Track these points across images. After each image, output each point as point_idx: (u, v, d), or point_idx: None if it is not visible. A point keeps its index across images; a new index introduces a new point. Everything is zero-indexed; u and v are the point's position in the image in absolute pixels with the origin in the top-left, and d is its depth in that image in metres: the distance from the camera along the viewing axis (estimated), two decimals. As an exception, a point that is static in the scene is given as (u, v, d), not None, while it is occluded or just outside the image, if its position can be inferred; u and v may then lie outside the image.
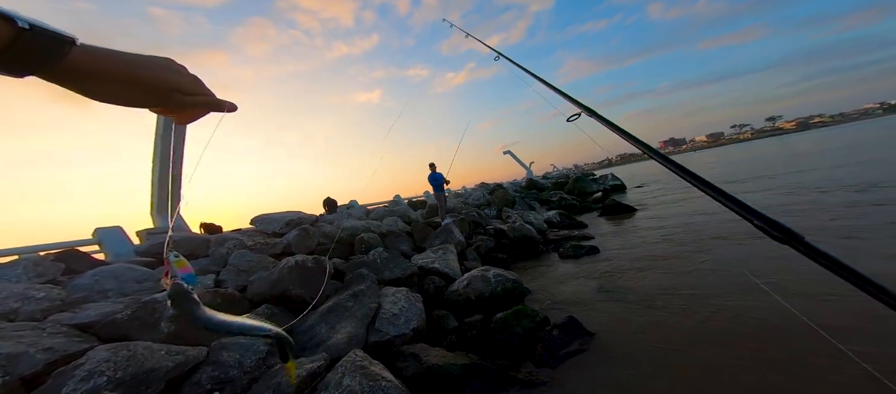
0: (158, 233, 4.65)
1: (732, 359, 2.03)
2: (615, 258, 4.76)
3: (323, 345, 2.20)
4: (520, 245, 5.85)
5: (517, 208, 8.67)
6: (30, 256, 3.42)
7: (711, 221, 5.72)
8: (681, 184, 13.63)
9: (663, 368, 2.09)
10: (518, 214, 7.57)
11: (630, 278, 3.86)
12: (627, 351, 2.36)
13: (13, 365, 1.44)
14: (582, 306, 3.34)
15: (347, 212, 6.59)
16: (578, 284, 3.99)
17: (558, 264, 4.98)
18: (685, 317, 2.69)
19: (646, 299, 3.20)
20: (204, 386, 1.52)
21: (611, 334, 2.66)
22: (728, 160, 22.11)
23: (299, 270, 3.05)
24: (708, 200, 0.57)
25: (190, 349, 1.74)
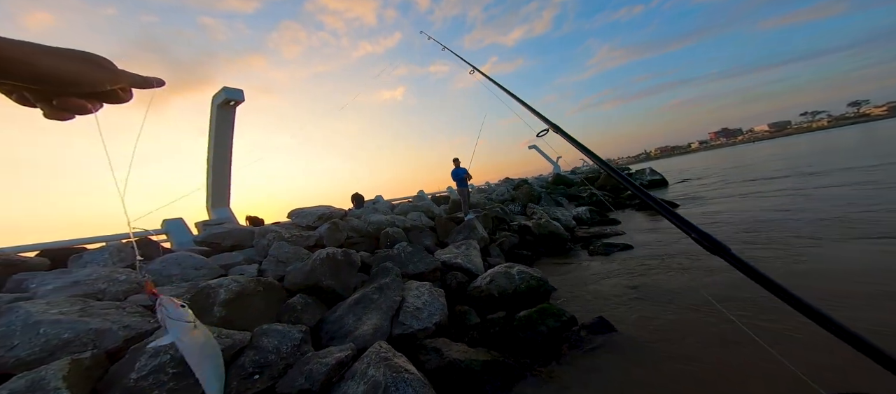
0: (214, 224, 5.22)
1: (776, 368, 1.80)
2: (650, 257, 4.42)
3: (350, 335, 2.33)
4: (545, 242, 5.67)
5: (543, 204, 8.38)
6: (114, 243, 4.05)
7: (761, 219, 5.07)
8: (733, 178, 12.17)
9: (698, 376, 1.93)
10: (544, 210, 7.31)
11: (666, 278, 3.57)
12: (660, 356, 2.21)
13: (101, 340, 1.72)
14: (612, 306, 3.16)
15: (373, 207, 6.84)
16: (609, 283, 3.78)
17: (587, 262, 4.75)
18: (726, 321, 2.43)
19: (683, 301, 2.95)
20: (247, 369, 1.70)
21: (643, 336, 2.50)
22: (790, 154, 18.91)
23: (330, 263, 3.24)
24: (762, 199, 0.53)
25: (236, 333, 1.94)
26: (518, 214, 7.57)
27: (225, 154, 5.69)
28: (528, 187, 9.66)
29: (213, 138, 5.55)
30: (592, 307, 3.21)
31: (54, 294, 2.38)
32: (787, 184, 8.11)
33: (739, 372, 1.88)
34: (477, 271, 4.11)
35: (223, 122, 5.49)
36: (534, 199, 8.64)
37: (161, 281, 2.97)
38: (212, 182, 5.67)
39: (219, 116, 5.44)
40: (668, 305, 2.96)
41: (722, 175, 12.87)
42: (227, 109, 5.46)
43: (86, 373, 1.42)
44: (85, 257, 3.54)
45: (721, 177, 12.34)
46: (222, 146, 5.60)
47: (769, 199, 6.68)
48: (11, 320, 1.76)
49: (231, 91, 5.28)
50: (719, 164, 21.04)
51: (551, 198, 9.15)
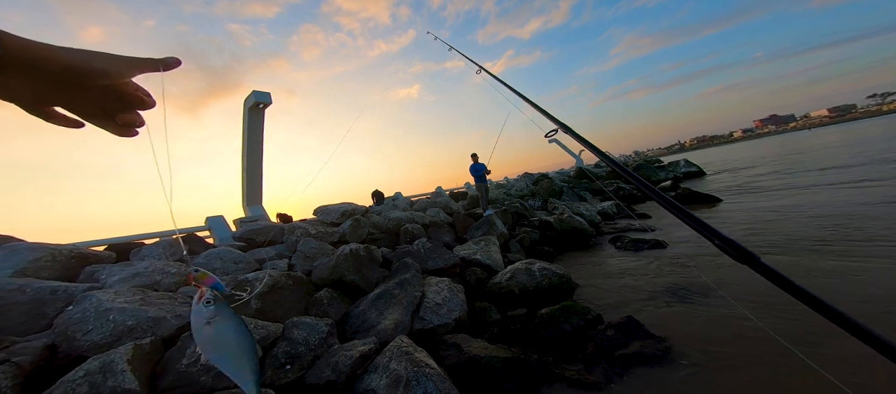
0: (249, 221, 5.64)
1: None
2: (685, 254, 4.13)
3: (373, 329, 2.43)
4: (568, 238, 5.49)
5: (565, 199, 8.08)
6: (167, 238, 4.52)
7: (815, 218, 4.49)
8: (782, 169, 10.89)
9: (738, 388, 1.79)
10: (566, 205, 7.05)
11: (704, 278, 3.32)
12: (696, 363, 2.07)
13: (158, 327, 1.94)
14: (641, 305, 3.01)
15: (393, 203, 6.99)
16: (638, 282, 3.59)
17: (614, 258, 4.54)
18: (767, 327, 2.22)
19: (723, 303, 2.73)
20: (279, 359, 1.84)
21: (676, 340, 2.35)
22: (858, 138, 16.50)
23: (353, 258, 3.38)
24: (818, 195, 0.47)
25: (270, 325, 2.10)
26: (538, 209, 7.38)
27: (257, 154, 6.07)
28: (548, 182, 9.37)
29: (246, 139, 5.94)
30: (620, 306, 3.08)
31: (119, 284, 2.71)
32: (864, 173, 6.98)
33: (777, 386, 1.71)
34: (497, 268, 4.08)
35: (254, 123, 5.85)
36: (555, 194, 8.36)
37: (205, 274, 3.26)
38: (246, 181, 6.09)
39: (250, 118, 5.81)
40: (703, 308, 2.76)
41: (763, 168, 11.54)
42: (257, 112, 5.80)
43: (146, 357, 1.61)
44: (143, 252, 3.98)
45: (761, 169, 11.08)
46: (255, 147, 5.99)
47: (802, 195, 5.89)
48: (86, 307, 2.04)
49: (260, 94, 5.59)
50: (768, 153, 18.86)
51: (574, 193, 8.80)
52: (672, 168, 13.69)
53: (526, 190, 9.35)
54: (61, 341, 1.80)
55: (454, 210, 6.42)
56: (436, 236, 4.84)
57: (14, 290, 2.29)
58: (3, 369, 1.41)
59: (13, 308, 2.17)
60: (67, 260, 3.34)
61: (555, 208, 6.71)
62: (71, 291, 2.35)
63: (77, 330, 1.86)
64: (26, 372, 1.49)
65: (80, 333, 1.85)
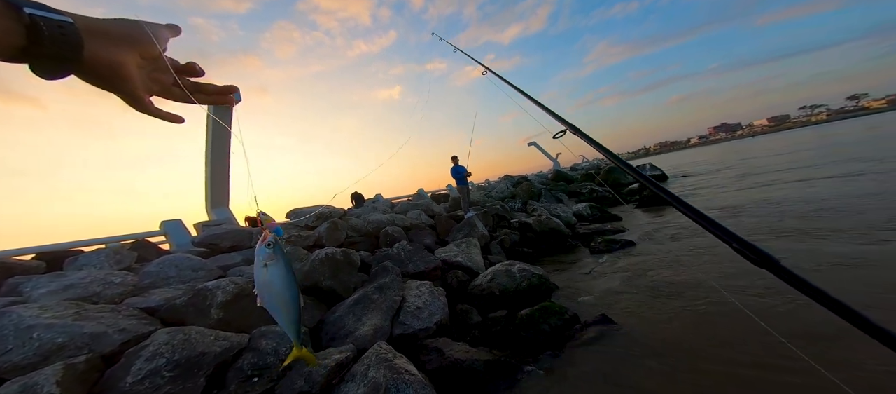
0: (213, 225, 5.18)
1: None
2: (652, 253, 4.41)
3: (350, 336, 2.30)
4: (547, 239, 5.65)
5: (544, 201, 8.36)
6: (114, 245, 4.02)
7: (766, 213, 5.05)
8: (735, 173, 12.09)
9: (703, 369, 1.91)
10: (544, 206, 7.29)
11: (670, 274, 3.56)
12: (664, 350, 2.20)
13: (96, 343, 1.69)
14: (615, 303, 3.15)
15: (373, 205, 6.81)
16: (611, 281, 3.76)
17: (589, 259, 4.74)
18: (727, 316, 2.43)
19: (688, 296, 2.94)
20: (245, 372, 1.67)
21: (646, 331, 2.49)
22: (798, 146, 18.79)
23: (329, 263, 3.21)
24: (763, 191, 0.49)
25: (234, 336, 1.91)
26: (518, 211, 7.56)
27: (223, 154, 5.64)
28: (528, 184, 9.65)
29: (210, 138, 5.50)
30: (595, 305, 3.20)
31: (48, 298, 2.35)
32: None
33: (753, 367, 1.85)
34: (478, 270, 4.08)
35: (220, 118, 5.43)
36: (534, 196, 8.62)
37: (157, 283, 2.93)
38: (210, 182, 5.62)
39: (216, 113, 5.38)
40: (672, 301, 2.95)
41: (716, 172, 12.72)
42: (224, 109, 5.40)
43: (80, 377, 1.39)
44: (81, 260, 3.50)
45: (715, 173, 12.23)
46: (220, 146, 5.55)
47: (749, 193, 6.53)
48: (4, 324, 1.73)
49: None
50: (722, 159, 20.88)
51: (552, 194, 9.13)
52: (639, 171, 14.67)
53: (506, 192, 9.54)
54: (-31, 365, 1.50)
55: (436, 212, 6.38)
56: (417, 239, 4.76)
57: None
58: None
59: None
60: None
61: (534, 210, 6.89)
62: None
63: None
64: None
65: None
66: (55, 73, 0.32)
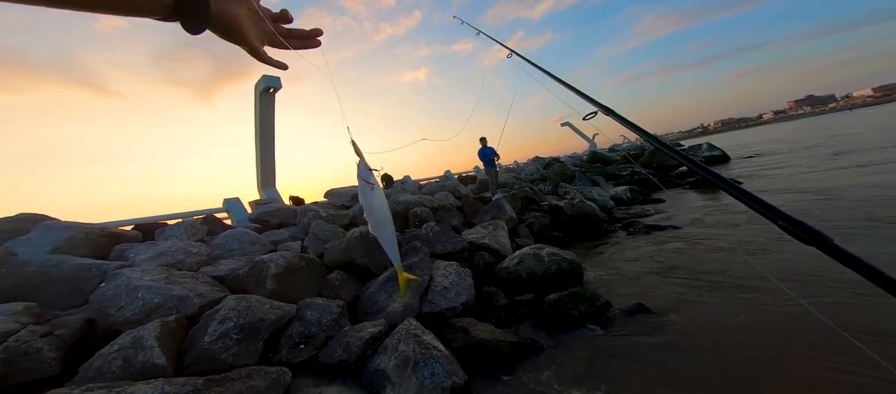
0: (264, 203, 5.81)
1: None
2: (700, 239, 4.02)
3: (382, 312, 2.51)
4: (579, 223, 5.39)
5: (577, 184, 7.88)
6: (188, 219, 4.73)
7: (845, 201, 4.19)
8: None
9: (742, 367, 1.77)
10: (578, 189, 6.88)
11: (716, 261, 3.26)
12: (705, 343, 2.06)
13: (182, 305, 2.07)
14: (653, 291, 2.98)
15: (402, 187, 7.01)
16: (650, 267, 3.53)
17: (626, 245, 4.46)
18: (782, 309, 2.18)
19: (734, 287, 2.69)
20: (294, 339, 1.94)
21: (687, 323, 2.34)
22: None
23: (363, 241, 3.44)
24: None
25: (285, 305, 2.20)
26: (549, 193, 7.26)
27: (269, 137, 6.14)
28: (560, 166, 9.13)
29: (258, 123, 5.99)
30: (631, 292, 3.05)
31: (146, 263, 2.88)
32: None
33: (807, 364, 1.67)
34: (505, 252, 4.08)
35: (266, 107, 5.87)
36: (567, 178, 8.17)
37: (224, 255, 3.41)
38: (260, 164, 6.21)
39: (262, 102, 5.81)
40: (718, 291, 2.71)
41: (795, 152, 10.70)
42: (268, 96, 5.79)
43: (172, 334, 1.73)
44: (166, 231, 4.19)
45: (793, 154, 10.30)
46: (266, 130, 6.04)
47: (837, 176, 5.45)
48: (118, 284, 2.18)
49: (270, 79, 5.55)
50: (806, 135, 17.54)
51: (586, 177, 8.56)
52: (693, 152, 13.04)
53: (536, 174, 9.17)
54: (97, 316, 1.95)
55: (463, 194, 6.39)
56: (444, 220, 4.85)
57: (52, 266, 2.47)
58: (47, 341, 1.55)
59: (53, 284, 2.35)
60: (99, 239, 3.56)
61: (566, 193, 6.56)
62: (104, 269, 2.52)
63: (111, 306, 2.01)
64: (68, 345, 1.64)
65: (113, 308, 1.99)
66: (197, 29, 0.38)
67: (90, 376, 1.44)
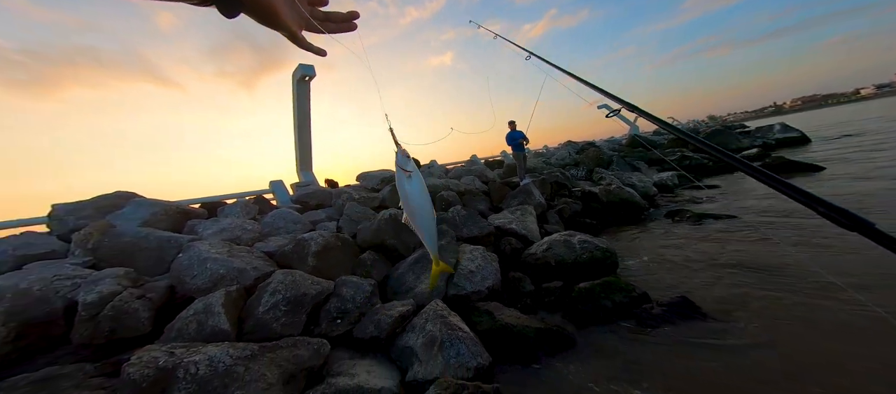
0: (303, 186, 6.28)
1: None
2: (759, 231, 3.56)
3: (410, 292, 2.65)
4: (615, 210, 5.06)
5: (614, 169, 7.28)
6: (241, 199, 5.30)
7: None
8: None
9: (794, 376, 1.59)
10: (615, 175, 6.37)
11: (778, 256, 2.90)
12: (757, 345, 1.88)
13: (241, 277, 2.37)
14: (699, 286, 2.74)
15: (428, 171, 7.07)
16: (699, 261, 3.25)
17: (671, 234, 4.12)
18: (847, 315, 1.88)
19: (797, 283, 2.38)
20: (332, 314, 2.14)
21: (738, 321, 2.13)
22: None
23: (393, 223, 3.60)
24: None
25: (324, 282, 2.42)
26: (582, 179, 6.84)
27: (306, 123, 6.49)
28: (595, 151, 8.48)
29: (296, 109, 6.34)
30: (673, 285, 2.85)
31: (212, 238, 3.31)
32: None
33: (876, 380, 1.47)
34: (533, 238, 4.01)
35: (302, 94, 6.16)
36: (602, 163, 7.60)
37: (272, 232, 3.80)
38: (298, 148, 6.65)
39: (299, 89, 6.11)
40: (774, 288, 2.42)
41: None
42: (304, 84, 6.06)
43: (234, 303, 2.02)
44: (226, 210, 4.75)
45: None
46: (303, 116, 6.38)
47: None
48: (191, 255, 2.56)
49: (305, 67, 5.77)
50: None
51: (625, 162, 7.87)
52: (762, 134, 11.25)
53: (568, 159, 8.66)
54: (177, 283, 2.32)
55: (489, 178, 6.28)
56: (471, 204, 4.85)
57: (142, 238, 2.97)
58: (142, 303, 1.91)
59: (143, 253, 2.84)
60: (175, 214, 4.17)
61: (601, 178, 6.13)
62: (180, 241, 2.97)
63: (186, 274, 2.38)
64: (156, 307, 1.99)
65: (188, 277, 2.36)
66: (232, 12, 0.39)
67: (172, 336, 1.75)
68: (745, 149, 9.28)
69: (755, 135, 11.66)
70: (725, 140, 9.89)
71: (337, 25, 0.51)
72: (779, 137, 10.50)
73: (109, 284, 1.98)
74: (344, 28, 0.52)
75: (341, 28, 0.52)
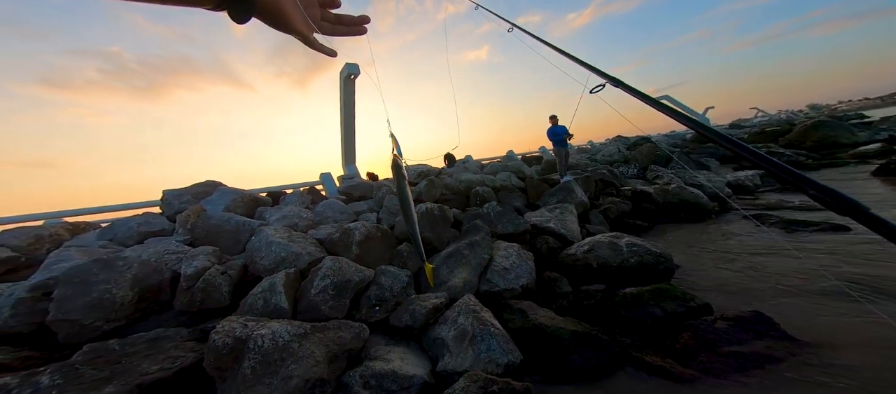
0: (347, 178, 6.80)
1: None
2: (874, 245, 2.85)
3: (444, 285, 2.74)
4: (674, 212, 4.50)
5: (674, 167, 6.40)
6: (297, 190, 5.96)
7: None
8: None
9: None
10: (675, 173, 5.61)
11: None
12: (849, 377, 1.56)
13: (298, 261, 2.70)
14: (785, 302, 2.34)
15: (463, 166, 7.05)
16: (784, 272, 2.75)
17: (748, 240, 3.56)
18: None
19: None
20: (371, 301, 2.33)
21: (826, 349, 1.79)
22: None
23: (428, 217, 3.72)
24: None
25: (366, 270, 2.63)
26: (633, 177, 6.18)
27: (351, 118, 6.95)
28: (650, 146, 7.53)
29: (343, 106, 6.81)
30: (746, 299, 2.47)
31: (276, 223, 3.81)
32: None
33: None
34: (572, 238, 3.80)
35: (348, 92, 6.60)
36: (659, 160, 6.73)
37: (322, 221, 4.22)
38: (344, 142, 7.17)
39: (345, 87, 6.55)
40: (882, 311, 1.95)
41: None
42: (350, 82, 6.47)
43: (291, 284, 2.32)
44: (287, 199, 5.39)
45: None
46: (349, 112, 6.84)
47: None
48: (260, 238, 2.98)
49: (351, 66, 6.15)
50: None
51: (690, 159, 6.86)
52: (889, 125, 8.82)
53: (617, 155, 7.86)
54: (249, 263, 2.74)
55: (526, 175, 6.05)
56: (506, 201, 4.75)
57: (225, 220, 3.54)
58: (224, 278, 2.31)
59: (225, 234, 3.39)
60: (249, 202, 4.87)
61: (657, 177, 5.46)
62: (252, 226, 3.47)
63: (257, 256, 2.79)
64: (234, 282, 2.39)
65: (258, 257, 2.76)
66: (244, 17, 0.38)
67: (245, 310, 2.09)
68: (863, 144, 7.39)
69: (878, 126, 9.22)
70: (835, 132, 7.97)
71: (348, 28, 0.51)
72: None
73: (202, 260, 2.44)
74: (355, 31, 0.52)
75: (353, 31, 0.51)
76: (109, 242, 3.59)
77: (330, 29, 0.50)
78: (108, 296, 2.10)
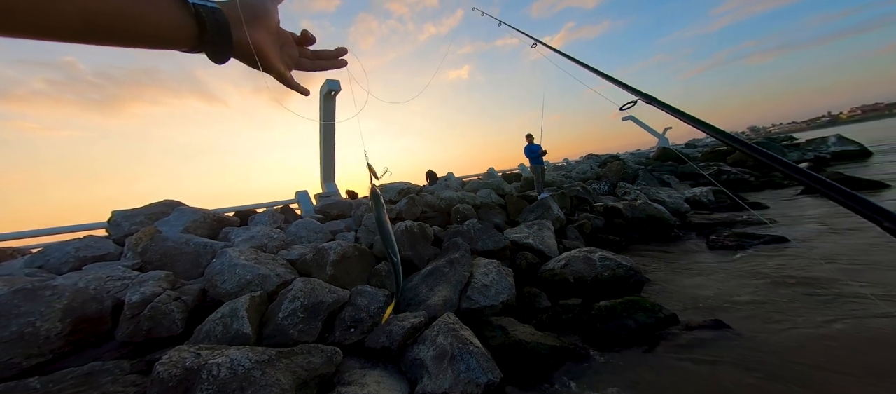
0: (326, 196, 6.59)
1: None
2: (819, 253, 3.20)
3: (423, 304, 2.65)
4: (641, 227, 4.80)
5: (640, 184, 6.95)
6: (270, 208, 5.66)
7: None
8: None
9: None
10: (641, 190, 6.07)
11: (839, 284, 2.56)
12: (800, 379, 1.69)
13: (265, 283, 2.51)
14: (738, 311, 2.53)
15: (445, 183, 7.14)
16: (738, 284, 2.99)
17: (706, 256, 3.83)
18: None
19: (858, 313, 2.08)
20: (346, 322, 2.20)
21: (779, 348, 1.95)
22: None
23: (408, 235, 3.66)
24: None
25: (340, 291, 2.50)
26: (604, 194, 6.58)
27: (331, 136, 6.88)
28: (619, 164, 8.16)
29: (322, 123, 6.74)
30: (706, 308, 2.64)
31: (242, 244, 3.55)
32: None
33: None
34: (550, 254, 3.89)
35: (328, 109, 6.57)
36: (627, 177, 7.28)
37: (295, 241, 4.00)
38: (323, 160, 7.03)
39: (325, 104, 6.52)
40: (832, 319, 2.15)
41: None
42: (330, 99, 6.46)
43: (257, 307, 2.14)
44: (256, 218, 5.08)
45: None
46: (329, 129, 6.77)
47: None
48: (223, 260, 2.76)
49: (332, 83, 6.18)
50: None
51: (653, 176, 7.49)
52: (814, 147, 10.32)
53: (590, 173, 8.40)
54: (209, 287, 2.51)
55: (506, 192, 6.23)
56: (487, 218, 4.82)
57: (183, 242, 3.24)
58: (177, 305, 2.08)
59: (183, 257, 3.10)
60: (212, 222, 4.52)
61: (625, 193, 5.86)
62: (214, 247, 3.21)
63: (217, 279, 2.56)
64: (189, 309, 2.16)
65: (219, 281, 2.54)
66: (222, 58, 0.38)
67: (201, 337, 1.88)
68: (796, 163, 8.54)
69: (806, 148, 10.70)
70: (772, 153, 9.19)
71: (328, 62, 0.52)
72: (834, 150, 9.62)
73: (152, 286, 2.19)
74: (335, 64, 0.53)
75: (333, 64, 0.53)
76: (39, 269, 3.14)
77: (310, 64, 0.50)
78: (30, 330, 1.80)
